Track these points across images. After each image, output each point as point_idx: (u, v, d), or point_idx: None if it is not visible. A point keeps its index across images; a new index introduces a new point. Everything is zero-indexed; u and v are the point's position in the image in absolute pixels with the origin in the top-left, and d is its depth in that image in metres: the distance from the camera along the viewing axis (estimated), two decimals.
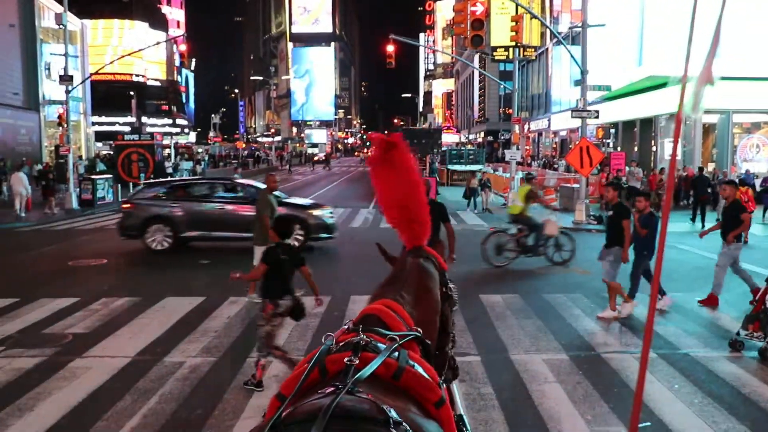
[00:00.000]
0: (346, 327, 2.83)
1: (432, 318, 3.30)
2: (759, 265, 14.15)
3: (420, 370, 2.52)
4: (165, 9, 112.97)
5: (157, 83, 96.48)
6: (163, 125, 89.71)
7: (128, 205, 18.62)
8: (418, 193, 3.55)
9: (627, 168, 29.79)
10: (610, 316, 10.80)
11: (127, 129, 64.14)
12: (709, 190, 23.47)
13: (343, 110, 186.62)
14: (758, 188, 25.34)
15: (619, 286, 10.95)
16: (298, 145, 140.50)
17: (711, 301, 11.62)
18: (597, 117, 26.84)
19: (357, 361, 2.40)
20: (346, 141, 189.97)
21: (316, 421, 2.00)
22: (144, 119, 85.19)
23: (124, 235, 18.20)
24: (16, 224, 24.37)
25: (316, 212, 18.42)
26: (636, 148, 40.20)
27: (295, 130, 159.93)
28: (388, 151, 3.49)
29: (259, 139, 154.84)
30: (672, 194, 3.67)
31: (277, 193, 13.22)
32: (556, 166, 48.22)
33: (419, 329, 2.91)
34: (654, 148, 37.78)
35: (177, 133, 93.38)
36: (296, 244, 16.82)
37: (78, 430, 6.71)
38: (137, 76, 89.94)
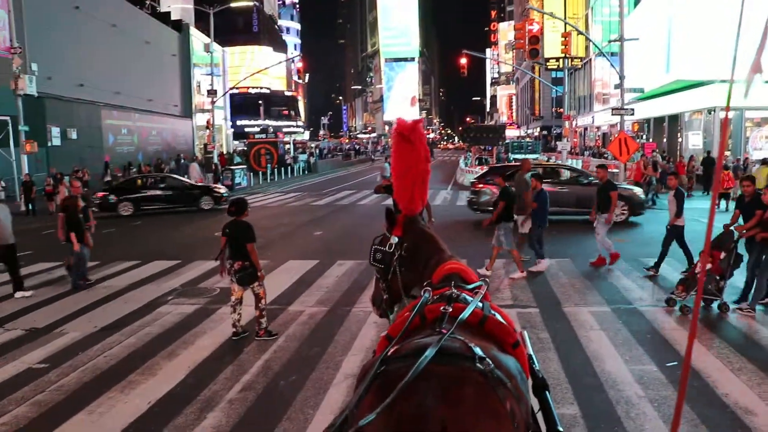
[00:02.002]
0: (426, 283, 2.87)
1: None
2: None
3: (499, 317, 2.55)
4: (285, 36, 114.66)
5: (279, 93, 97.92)
6: (284, 126, 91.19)
7: (482, 185, 17.73)
8: (422, 162, 3.50)
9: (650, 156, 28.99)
10: (518, 276, 10.80)
11: (257, 130, 65.59)
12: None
13: (425, 111, 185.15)
14: None
15: (517, 252, 11.13)
16: (389, 139, 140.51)
17: (599, 262, 11.58)
18: (633, 114, 26.63)
19: (451, 310, 2.44)
20: (428, 136, 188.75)
21: (425, 353, 2.04)
22: (269, 122, 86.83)
23: (478, 210, 17.50)
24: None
25: (637, 191, 18.03)
26: (665, 140, 38.79)
27: (387, 128, 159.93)
28: (411, 132, 3.45)
29: (359, 135, 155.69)
30: (719, 179, 3.45)
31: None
32: (605, 155, 46.83)
33: (486, 279, 2.93)
34: (680, 140, 36.47)
35: (294, 132, 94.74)
36: (623, 217, 16.39)
37: (227, 360, 7.02)
38: (264, 88, 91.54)
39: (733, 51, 3.61)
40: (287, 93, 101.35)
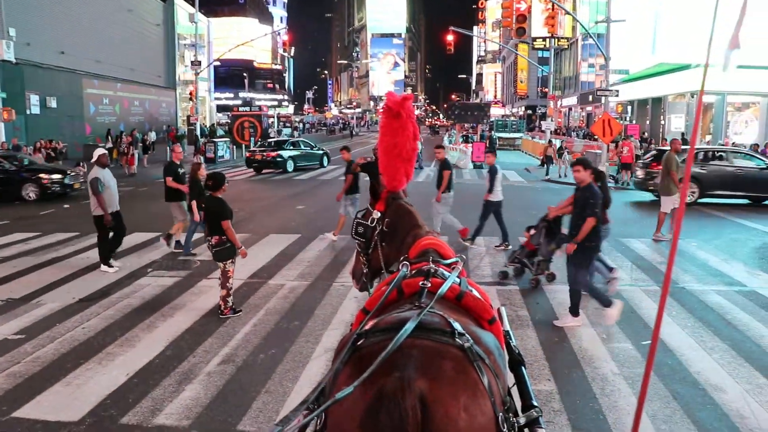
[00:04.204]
0: (403, 258, 2.86)
1: None
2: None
3: (476, 293, 2.54)
4: (271, 8, 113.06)
5: (264, 66, 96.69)
6: (268, 99, 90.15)
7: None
8: (409, 139, 3.45)
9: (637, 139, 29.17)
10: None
11: (240, 102, 64.82)
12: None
13: (410, 87, 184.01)
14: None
15: None
16: (374, 115, 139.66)
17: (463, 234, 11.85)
18: (617, 96, 26.78)
19: (429, 285, 2.43)
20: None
21: (404, 327, 2.04)
22: (253, 95, 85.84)
23: (648, 191, 17.85)
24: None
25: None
26: (648, 122, 39.08)
27: (372, 103, 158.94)
28: (400, 108, 3.40)
29: (343, 110, 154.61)
30: (691, 161, 3.39)
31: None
32: (596, 137, 46.97)
33: (463, 256, 2.92)
34: (663, 122, 36.82)
35: (279, 106, 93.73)
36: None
37: (206, 332, 6.99)
38: (249, 61, 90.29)
39: (709, 34, 3.59)
40: (273, 66, 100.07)
